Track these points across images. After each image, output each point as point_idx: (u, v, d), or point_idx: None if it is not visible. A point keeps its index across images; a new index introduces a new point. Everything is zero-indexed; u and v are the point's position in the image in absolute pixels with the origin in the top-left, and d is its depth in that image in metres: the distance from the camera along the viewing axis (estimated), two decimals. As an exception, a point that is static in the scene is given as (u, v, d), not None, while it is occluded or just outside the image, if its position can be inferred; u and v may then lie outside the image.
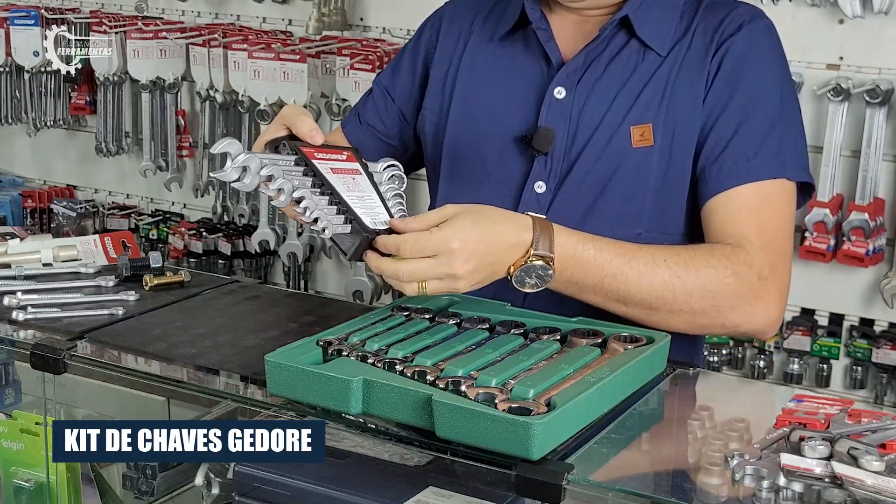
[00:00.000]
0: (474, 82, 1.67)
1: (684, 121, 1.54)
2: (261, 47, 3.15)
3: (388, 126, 1.78)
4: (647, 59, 1.57)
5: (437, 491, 1.26)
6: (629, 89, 1.56)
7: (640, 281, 1.43)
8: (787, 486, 1.09)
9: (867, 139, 2.53)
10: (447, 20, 1.75)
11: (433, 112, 1.71)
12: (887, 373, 2.62)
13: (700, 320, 1.47)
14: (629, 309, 1.45)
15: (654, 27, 1.57)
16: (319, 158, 1.40)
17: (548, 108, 1.58)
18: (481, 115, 1.65)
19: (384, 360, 1.26)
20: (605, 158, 1.56)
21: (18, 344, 1.51)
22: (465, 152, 1.66)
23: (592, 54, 1.58)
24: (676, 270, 1.44)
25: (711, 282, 1.44)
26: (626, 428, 1.24)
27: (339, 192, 1.36)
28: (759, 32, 1.57)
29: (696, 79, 1.55)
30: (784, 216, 1.54)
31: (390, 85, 1.78)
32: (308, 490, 1.30)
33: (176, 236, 3.50)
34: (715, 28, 1.56)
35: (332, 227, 1.34)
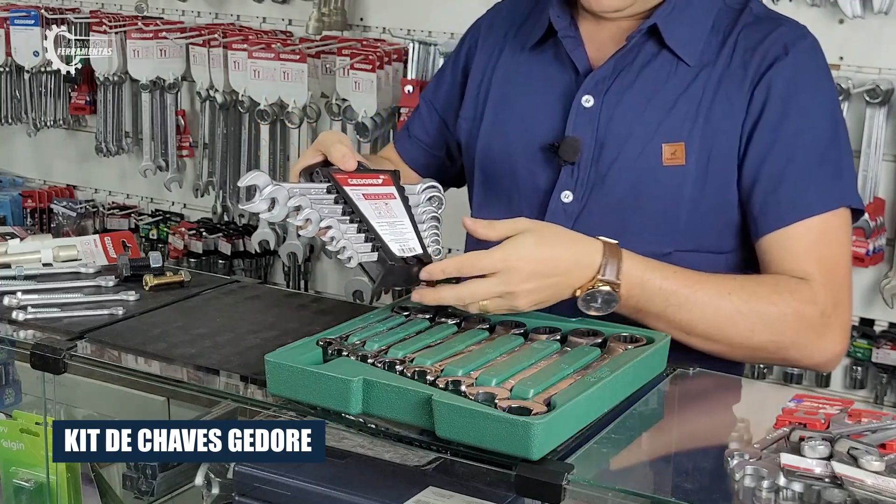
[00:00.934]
0: (506, 91, 1.67)
1: (722, 142, 1.51)
2: (261, 47, 3.15)
3: (433, 137, 1.81)
4: (679, 71, 1.54)
5: (437, 491, 1.26)
6: (661, 102, 1.54)
7: (703, 313, 1.43)
8: (787, 486, 1.09)
9: (867, 139, 2.53)
10: (485, 30, 1.76)
11: (467, 120, 1.72)
12: (887, 373, 2.62)
13: (760, 354, 1.49)
14: (690, 338, 1.45)
15: (683, 35, 1.54)
16: (353, 185, 1.40)
17: (575, 117, 1.57)
18: (511, 124, 1.65)
19: (384, 360, 1.26)
20: (633, 173, 1.54)
21: (18, 344, 1.51)
22: (495, 161, 1.67)
23: (622, 62, 1.56)
24: (740, 305, 1.43)
25: (774, 319, 1.44)
26: (626, 428, 1.24)
27: (368, 219, 1.37)
28: (807, 53, 1.53)
29: (735, 98, 1.51)
30: (843, 246, 1.52)
31: (434, 97, 1.82)
32: (308, 490, 1.30)
33: (176, 236, 3.50)
34: (755, 47, 1.52)
35: (358, 255, 1.34)
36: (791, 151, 1.49)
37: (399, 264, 1.34)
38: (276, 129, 3.24)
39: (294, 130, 3.19)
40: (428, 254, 1.38)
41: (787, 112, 1.49)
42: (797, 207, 1.48)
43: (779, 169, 1.49)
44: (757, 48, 1.52)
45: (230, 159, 3.38)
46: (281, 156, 3.27)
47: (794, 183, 1.48)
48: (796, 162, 1.49)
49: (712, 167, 1.51)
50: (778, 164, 1.49)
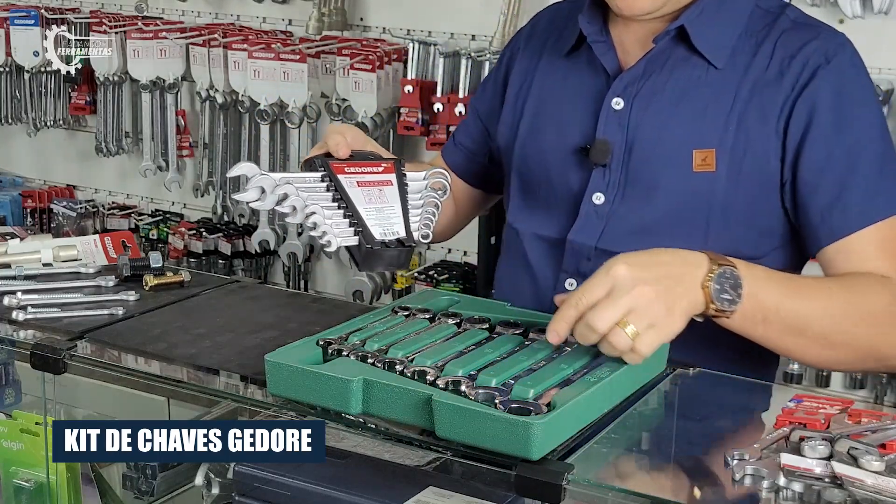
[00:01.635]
0: (543, 97, 1.69)
1: (756, 150, 1.50)
2: (261, 47, 3.15)
3: (477, 144, 1.83)
4: (710, 75, 1.53)
5: (437, 491, 1.26)
6: (692, 107, 1.53)
7: (815, 305, 1.38)
8: (787, 486, 1.09)
9: (867, 139, 2.53)
10: (525, 38, 1.78)
11: (506, 125, 1.74)
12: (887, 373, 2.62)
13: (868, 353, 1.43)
14: (806, 341, 1.39)
15: (711, 38, 1.53)
16: (348, 172, 1.42)
17: (605, 119, 1.57)
18: (547, 128, 1.66)
19: (384, 360, 1.26)
20: (663, 177, 1.54)
21: (18, 344, 1.51)
22: (531, 165, 1.68)
23: (652, 65, 1.56)
24: (845, 296, 1.40)
25: (876, 307, 1.41)
26: (626, 428, 1.24)
27: (355, 205, 1.38)
28: (850, 62, 1.52)
29: (771, 107, 1.50)
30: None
31: (479, 104, 1.84)
32: (308, 490, 1.30)
33: (176, 236, 3.50)
34: (794, 55, 1.51)
35: (338, 239, 1.35)
36: (851, 161, 1.48)
37: (378, 247, 1.35)
38: (276, 129, 3.24)
39: (294, 130, 3.20)
40: (411, 237, 1.39)
41: (840, 122, 1.48)
42: (864, 214, 1.47)
43: (840, 178, 1.48)
44: (796, 56, 1.51)
45: (230, 159, 3.38)
46: (281, 156, 3.27)
47: (858, 191, 1.48)
48: (858, 171, 1.48)
49: (744, 175, 1.51)
50: (839, 174, 1.48)
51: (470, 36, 2.99)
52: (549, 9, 1.80)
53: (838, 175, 1.48)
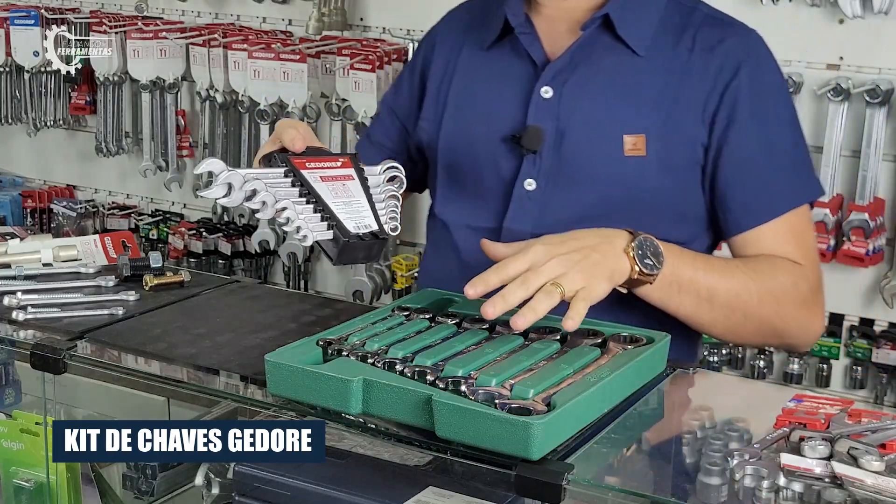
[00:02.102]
0: (467, 89, 1.70)
1: (682, 138, 1.56)
2: (261, 47, 3.16)
3: (395, 142, 1.83)
4: (636, 63, 1.58)
5: (437, 491, 1.26)
6: (620, 94, 1.58)
7: (722, 279, 1.48)
8: (787, 486, 1.09)
9: (867, 139, 2.53)
10: (441, 33, 1.79)
11: (429, 121, 1.75)
12: (887, 373, 2.62)
13: (764, 329, 1.54)
14: (713, 310, 1.48)
15: (633, 26, 1.59)
16: (310, 167, 1.42)
17: (535, 108, 1.60)
18: (473, 119, 1.68)
19: (384, 360, 1.26)
20: (595, 162, 1.57)
21: (18, 344, 1.51)
22: (458, 156, 1.69)
23: (578, 54, 1.60)
24: (749, 274, 1.50)
25: (778, 289, 1.51)
26: (626, 428, 1.24)
27: (324, 199, 1.38)
28: (766, 59, 1.60)
29: (695, 97, 1.56)
30: (813, 234, 1.64)
31: (394, 103, 1.84)
32: (308, 490, 1.30)
33: (176, 236, 3.50)
34: (713, 48, 1.57)
35: (313, 234, 1.36)
36: (767, 153, 1.57)
37: (354, 240, 1.35)
38: (276, 129, 3.24)
39: (294, 130, 3.19)
40: (384, 229, 1.40)
41: (758, 118, 1.57)
42: (776, 206, 1.57)
43: (757, 170, 1.57)
44: (715, 49, 1.57)
45: (230, 159, 3.38)
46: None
47: (773, 182, 1.57)
48: (773, 163, 1.58)
49: (673, 160, 1.57)
50: (756, 166, 1.56)
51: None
52: (461, 6, 1.83)
53: (755, 166, 1.57)
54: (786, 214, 1.57)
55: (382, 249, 1.41)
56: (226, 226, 3.47)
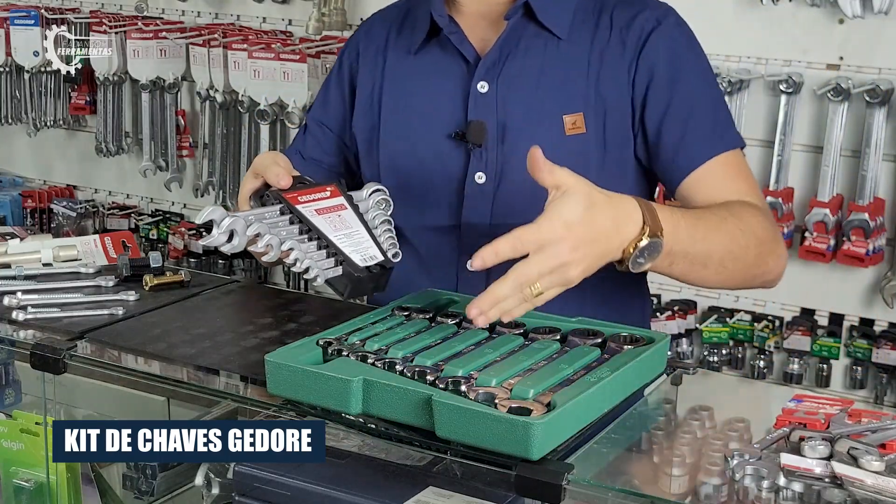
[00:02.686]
0: (400, 93, 1.71)
1: (613, 112, 1.61)
2: (261, 47, 3.16)
3: (332, 156, 1.81)
4: (561, 48, 1.63)
5: (437, 491, 1.26)
6: (551, 78, 1.62)
7: (716, 240, 1.49)
8: (787, 486, 1.09)
9: (867, 139, 2.53)
10: (363, 42, 1.80)
11: (364, 131, 1.75)
12: (887, 373, 2.62)
13: (751, 271, 1.56)
14: (705, 271, 1.49)
15: (552, 12, 1.63)
16: (303, 202, 1.43)
17: (474, 103, 1.63)
18: (413, 122, 1.68)
19: (384, 360, 1.26)
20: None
21: (18, 344, 1.51)
22: (402, 160, 1.69)
23: (507, 46, 1.63)
24: (737, 223, 1.51)
25: (757, 230, 1.53)
26: (626, 428, 1.24)
27: (327, 235, 1.39)
28: (677, 23, 1.65)
29: (619, 71, 1.61)
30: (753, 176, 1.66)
31: (324, 116, 1.82)
32: (308, 490, 1.30)
33: (176, 236, 3.50)
34: (628, 24, 1.62)
35: (324, 272, 1.36)
36: (689, 107, 1.61)
37: (364, 275, 1.37)
38: (276, 129, 3.24)
39: (294, 130, 3.19)
40: (389, 259, 1.41)
41: (675, 73, 1.61)
42: (706, 148, 1.60)
43: (681, 122, 1.60)
44: (631, 25, 1.63)
45: (230, 159, 3.38)
46: (281, 156, 3.27)
47: (699, 131, 1.60)
48: (695, 114, 1.61)
49: (609, 134, 1.61)
50: (680, 119, 1.60)
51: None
52: (376, 15, 1.84)
53: (679, 120, 1.60)
54: (717, 157, 1.59)
55: (388, 278, 1.42)
56: (226, 226, 3.47)
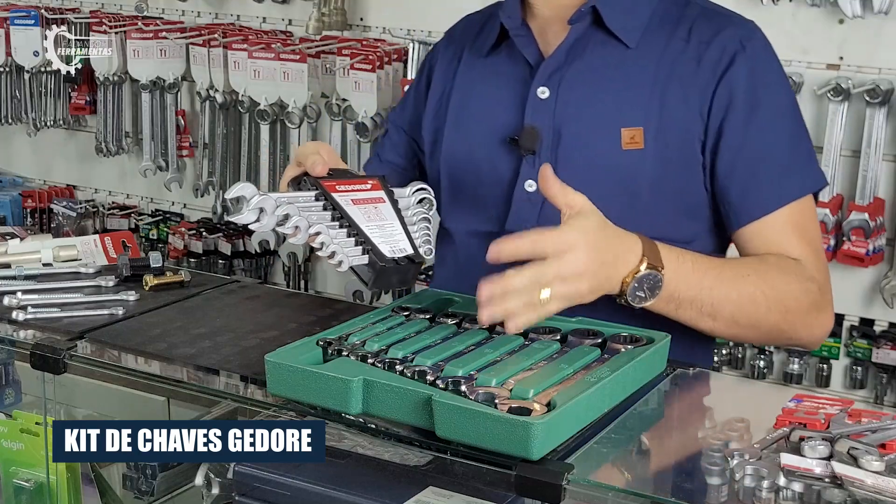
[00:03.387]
0: (466, 96, 1.71)
1: (678, 132, 1.55)
2: (261, 47, 3.15)
3: (406, 159, 1.82)
4: (628, 56, 1.58)
5: (437, 491, 1.26)
6: (615, 88, 1.57)
7: (729, 294, 1.46)
8: (787, 486, 1.09)
9: (867, 139, 2.53)
10: (443, 48, 1.80)
11: (430, 132, 1.75)
12: (887, 373, 2.62)
13: (773, 335, 1.54)
14: (716, 323, 1.47)
15: (622, 19, 1.59)
16: (341, 191, 1.41)
17: (532, 108, 1.60)
18: (472, 124, 1.68)
19: (384, 360, 1.26)
20: (593, 158, 1.57)
21: (18, 344, 1.51)
22: (459, 161, 1.69)
23: (572, 52, 1.60)
24: (759, 284, 1.47)
25: (787, 297, 1.49)
26: (626, 428, 1.24)
27: (357, 223, 1.37)
28: (763, 49, 1.58)
29: (691, 89, 1.55)
30: (817, 226, 1.61)
31: (401, 119, 1.84)
32: (308, 490, 1.30)
33: (176, 236, 3.50)
34: (709, 40, 1.56)
35: (349, 259, 1.34)
36: (765, 144, 1.55)
37: (390, 265, 1.35)
38: (276, 129, 3.24)
39: (294, 130, 3.20)
40: (419, 253, 1.39)
41: (755, 106, 1.55)
42: (778, 195, 1.54)
43: (755, 160, 1.54)
44: (711, 42, 1.56)
45: (230, 159, 3.38)
46: (281, 156, 3.27)
47: (772, 172, 1.55)
48: (772, 153, 1.55)
49: (671, 152, 1.55)
50: (754, 157, 1.54)
51: (470, 36, 2.99)
52: (463, 19, 1.84)
53: (753, 157, 1.55)
54: (787, 206, 1.54)
55: (416, 273, 1.40)
56: (226, 226, 3.47)
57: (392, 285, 1.41)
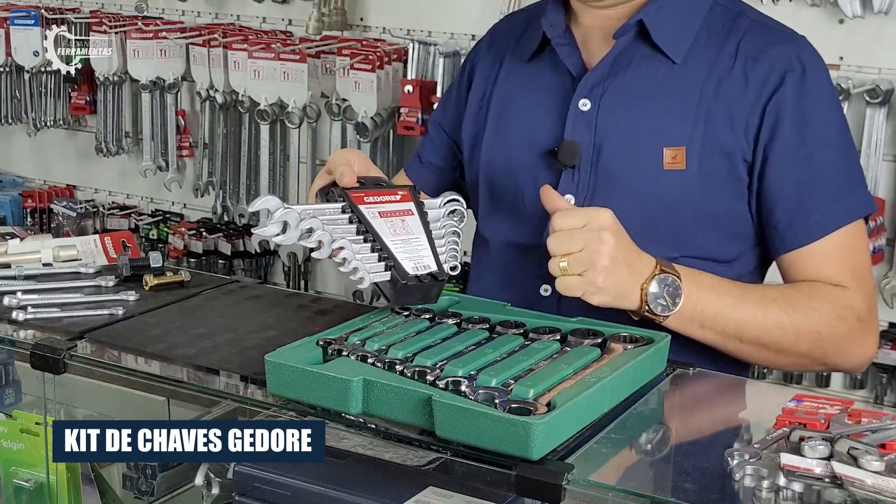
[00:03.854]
0: (506, 102, 1.68)
1: (723, 153, 1.51)
2: (261, 47, 3.15)
3: (446, 160, 1.81)
4: (675, 72, 1.54)
5: (437, 491, 1.26)
6: (659, 105, 1.54)
7: (755, 315, 1.45)
8: (787, 486, 1.09)
9: (867, 139, 2.53)
10: (485, 49, 1.77)
11: (470, 135, 1.73)
12: (887, 373, 2.62)
13: (803, 361, 1.51)
14: (742, 345, 1.46)
15: (670, 32, 1.54)
16: (369, 203, 1.39)
17: (573, 121, 1.57)
18: (512, 132, 1.65)
19: (384, 360, 1.26)
20: (634, 176, 1.54)
21: (18, 344, 1.51)
22: (498, 170, 1.66)
23: (616, 65, 1.56)
24: (786, 309, 1.46)
25: (818, 324, 1.47)
26: (626, 428, 1.24)
27: (382, 238, 1.36)
28: (815, 67, 1.54)
29: (737, 108, 1.51)
30: (867, 252, 1.58)
31: (442, 119, 1.82)
32: (308, 490, 1.30)
33: (176, 236, 3.50)
34: (757, 56, 1.52)
35: (370, 275, 1.34)
36: (815, 168, 1.51)
37: (412, 282, 1.34)
38: (276, 129, 3.24)
39: (294, 130, 3.20)
40: (442, 270, 1.38)
41: (804, 129, 1.50)
42: (826, 222, 1.51)
43: (803, 185, 1.51)
44: (759, 58, 1.52)
45: (230, 159, 3.38)
46: (281, 156, 3.27)
47: (820, 198, 1.51)
48: (821, 178, 1.51)
49: (713, 172, 1.52)
50: (802, 181, 1.51)
51: (470, 36, 2.98)
52: (505, 19, 1.81)
53: (801, 182, 1.51)
54: (835, 233, 1.51)
55: (440, 291, 1.39)
56: (226, 226, 3.47)
57: (415, 302, 1.40)
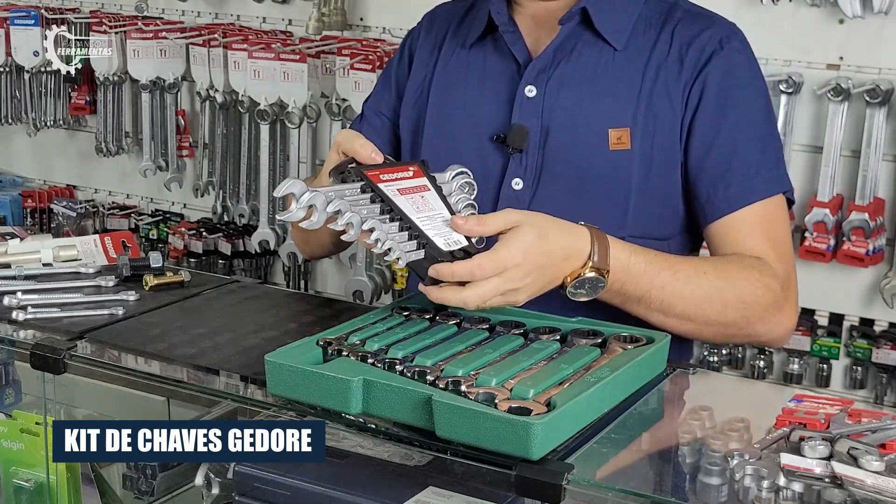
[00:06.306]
0: (448, 87, 1.70)
1: (663, 130, 1.57)
2: (261, 47, 3.16)
3: (385, 144, 1.79)
4: (617, 59, 1.59)
5: (437, 491, 1.26)
6: (602, 89, 1.58)
7: (682, 292, 1.47)
8: (787, 486, 1.09)
9: (867, 139, 2.53)
10: (423, 34, 1.78)
11: (410, 120, 1.74)
12: (887, 373, 2.62)
13: (730, 331, 1.53)
14: (667, 319, 1.48)
15: (611, 21, 1.60)
16: (385, 181, 1.38)
17: (520, 107, 1.60)
18: (456, 117, 1.67)
19: (384, 360, 1.26)
20: (580, 158, 1.57)
21: (18, 344, 1.51)
22: (442, 155, 1.66)
23: (560, 52, 1.61)
24: (715, 282, 1.48)
25: (745, 293, 1.50)
26: (626, 428, 1.24)
27: (409, 216, 1.35)
28: (740, 49, 1.60)
29: (674, 89, 1.57)
30: (787, 227, 1.61)
31: (380, 105, 1.81)
32: (308, 490, 1.30)
33: (176, 236, 3.50)
34: (690, 42, 1.58)
35: (406, 255, 1.32)
36: (735, 142, 1.57)
37: (447, 259, 1.33)
38: (276, 129, 3.25)
39: (294, 130, 3.20)
40: (473, 244, 1.37)
41: (726, 105, 1.57)
42: (745, 194, 1.56)
43: (724, 158, 1.56)
44: (692, 43, 1.58)
45: (230, 159, 3.38)
46: (281, 156, 3.27)
47: (741, 171, 1.56)
48: (741, 151, 1.57)
49: (656, 153, 1.57)
50: (723, 154, 1.56)
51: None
52: (442, 5, 1.81)
53: (722, 155, 1.56)
54: (754, 204, 1.55)
55: None
56: (226, 226, 3.47)
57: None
